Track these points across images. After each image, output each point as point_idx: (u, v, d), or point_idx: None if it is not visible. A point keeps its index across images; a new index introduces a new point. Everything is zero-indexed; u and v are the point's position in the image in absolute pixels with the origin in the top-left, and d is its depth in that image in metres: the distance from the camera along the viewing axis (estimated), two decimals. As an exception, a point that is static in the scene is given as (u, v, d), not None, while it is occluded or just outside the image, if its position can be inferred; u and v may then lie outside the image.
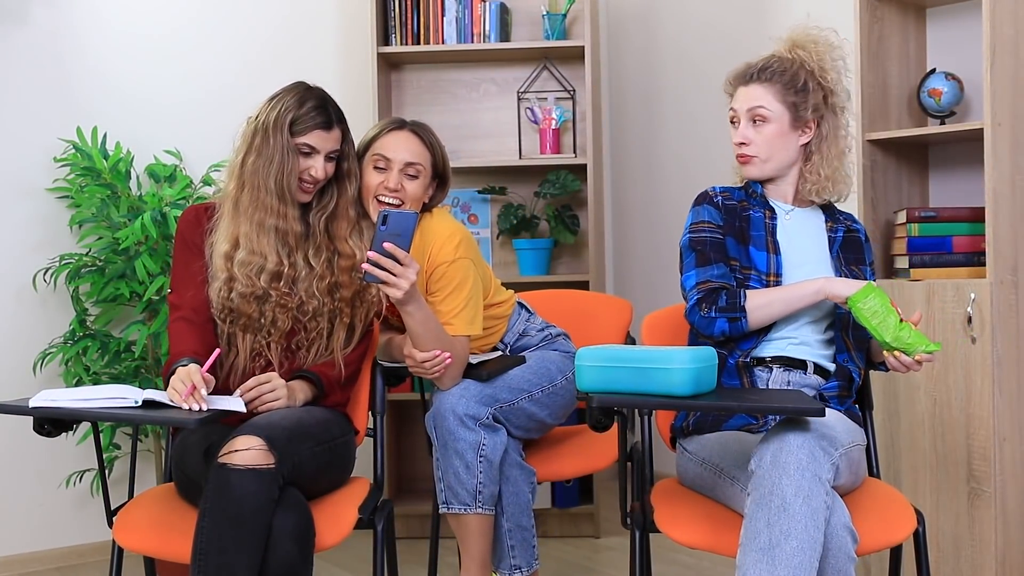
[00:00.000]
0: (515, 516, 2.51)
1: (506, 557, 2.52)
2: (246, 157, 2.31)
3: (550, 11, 3.82)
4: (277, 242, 2.31)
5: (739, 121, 2.32)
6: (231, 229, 2.31)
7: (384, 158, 2.49)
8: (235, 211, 2.31)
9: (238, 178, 2.32)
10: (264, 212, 2.29)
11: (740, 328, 2.20)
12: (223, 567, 1.95)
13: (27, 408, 1.97)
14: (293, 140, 2.29)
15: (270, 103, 2.33)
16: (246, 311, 2.29)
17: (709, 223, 2.30)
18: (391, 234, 2.19)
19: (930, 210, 2.96)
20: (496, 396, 2.47)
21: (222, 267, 2.29)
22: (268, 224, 2.29)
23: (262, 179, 2.28)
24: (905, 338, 2.09)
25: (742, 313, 2.19)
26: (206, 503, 1.99)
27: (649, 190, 4.42)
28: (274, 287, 2.30)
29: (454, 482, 2.42)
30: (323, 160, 2.33)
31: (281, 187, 2.28)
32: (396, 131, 2.53)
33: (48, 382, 3.38)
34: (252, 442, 2.01)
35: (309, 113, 2.30)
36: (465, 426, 2.40)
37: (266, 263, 2.29)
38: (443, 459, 2.43)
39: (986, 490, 2.74)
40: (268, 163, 2.28)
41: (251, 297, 2.28)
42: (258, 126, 2.31)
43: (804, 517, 1.83)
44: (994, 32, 2.74)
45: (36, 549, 3.44)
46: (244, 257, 2.28)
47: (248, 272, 2.28)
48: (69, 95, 3.50)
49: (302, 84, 2.37)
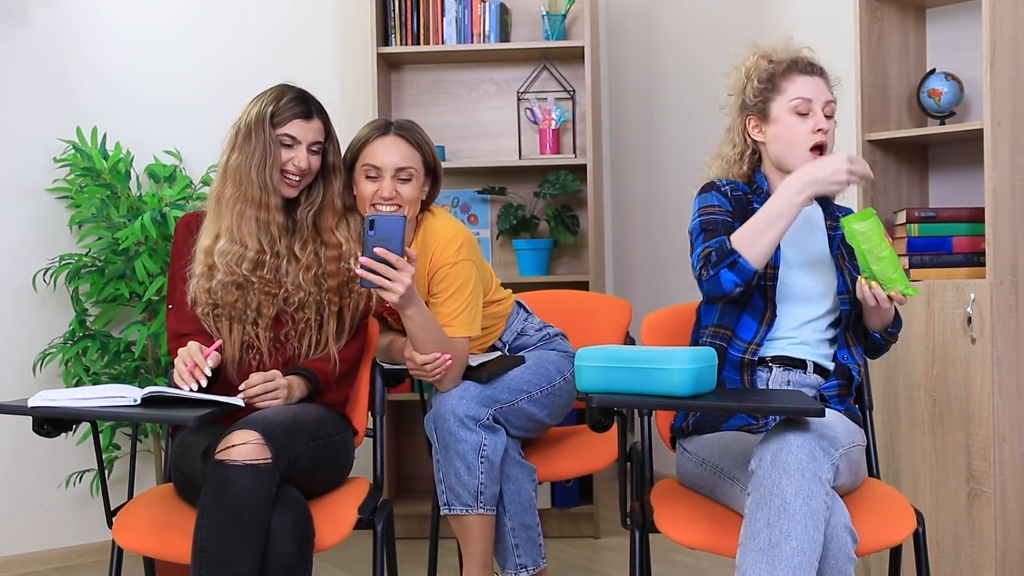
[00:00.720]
0: (519, 515, 2.51)
1: (511, 556, 2.52)
2: (230, 155, 2.36)
3: (550, 11, 3.82)
4: (259, 231, 2.33)
5: (811, 111, 2.25)
6: (213, 225, 2.35)
7: (374, 167, 2.48)
8: (217, 206, 2.35)
9: (222, 176, 2.36)
10: (245, 203, 2.32)
11: (745, 268, 2.11)
12: (224, 564, 1.95)
13: (26, 408, 1.97)
14: (275, 132, 2.33)
15: (251, 103, 2.38)
16: (229, 300, 2.30)
17: (719, 207, 2.26)
18: (380, 238, 2.20)
19: (930, 210, 2.96)
20: (496, 397, 2.47)
21: (202, 260, 2.32)
22: (249, 214, 2.32)
23: (244, 173, 2.32)
24: (888, 272, 2.08)
25: (734, 254, 2.11)
26: (205, 500, 1.99)
27: (649, 190, 4.42)
28: (257, 275, 2.32)
29: (455, 483, 2.41)
30: (305, 151, 2.35)
31: (264, 178, 2.31)
32: (382, 137, 2.51)
33: (48, 382, 3.38)
34: (249, 436, 2.02)
35: (287, 104, 2.34)
36: (466, 427, 2.40)
37: (246, 251, 2.31)
38: (444, 461, 2.43)
39: (986, 490, 2.74)
40: (250, 156, 2.32)
41: (232, 285, 2.30)
42: (240, 125, 2.36)
43: (804, 517, 1.83)
44: (994, 32, 2.74)
45: (36, 549, 3.44)
46: (224, 247, 2.31)
47: (228, 261, 2.30)
48: (69, 95, 3.50)
49: (282, 83, 2.42)
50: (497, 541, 2.51)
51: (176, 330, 2.35)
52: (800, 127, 2.24)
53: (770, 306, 2.24)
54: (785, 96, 2.26)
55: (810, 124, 2.24)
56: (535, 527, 2.54)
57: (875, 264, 2.08)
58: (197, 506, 2.03)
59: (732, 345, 2.24)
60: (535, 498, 2.55)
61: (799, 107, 2.24)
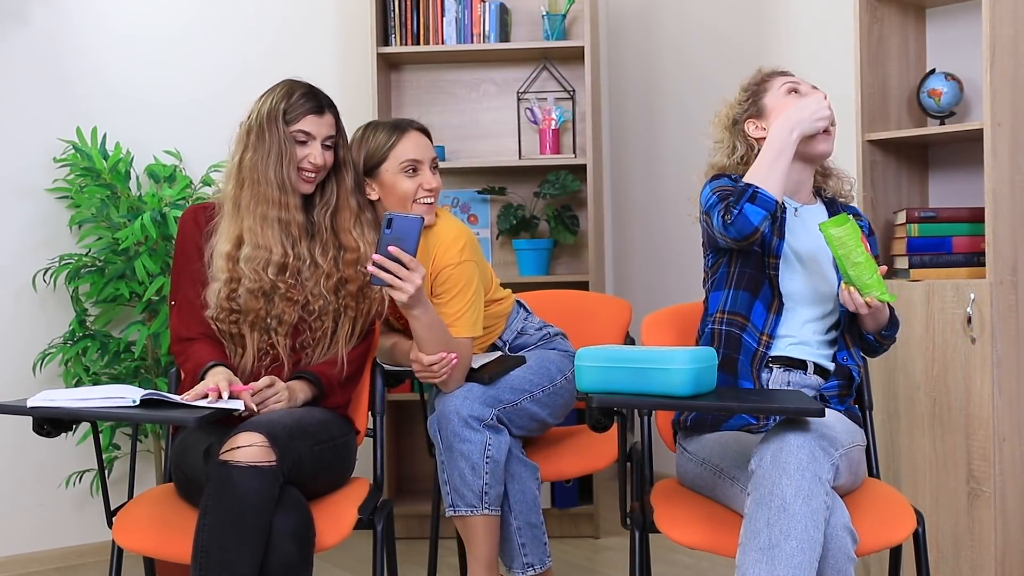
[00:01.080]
0: (524, 514, 2.51)
1: (518, 556, 2.51)
2: (243, 155, 2.32)
3: (550, 11, 3.82)
4: (281, 233, 2.30)
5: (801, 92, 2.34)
6: (232, 228, 2.31)
7: (414, 161, 2.51)
8: (235, 210, 2.32)
9: (236, 177, 2.32)
10: (267, 205, 2.29)
11: (766, 197, 2.14)
12: (224, 564, 1.95)
13: (26, 408, 1.97)
14: (288, 129, 2.31)
15: (260, 100, 2.36)
16: (253, 307, 2.28)
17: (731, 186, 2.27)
18: (396, 238, 2.20)
19: (930, 210, 2.96)
20: (499, 397, 2.47)
21: (223, 267, 2.29)
22: (271, 216, 2.29)
23: (261, 173, 2.29)
24: (863, 277, 2.11)
25: (751, 186, 2.15)
26: (207, 500, 1.99)
27: (649, 190, 4.42)
28: (280, 279, 2.29)
29: (460, 484, 2.41)
30: (320, 146, 2.34)
31: (282, 178, 2.29)
32: (407, 134, 2.54)
33: (48, 382, 3.39)
34: (254, 439, 2.01)
35: (299, 100, 2.33)
36: (470, 428, 2.40)
37: (271, 256, 2.29)
38: (448, 462, 2.42)
39: (986, 491, 2.74)
40: (266, 156, 2.29)
41: (259, 292, 2.28)
42: (252, 123, 2.32)
43: (804, 517, 1.83)
44: (994, 32, 2.74)
45: (36, 549, 3.44)
46: (249, 252, 2.28)
47: (255, 267, 2.27)
48: (69, 95, 3.50)
49: (289, 79, 2.40)
50: (503, 541, 2.51)
51: (181, 333, 2.33)
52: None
53: (777, 295, 2.25)
54: (774, 85, 2.36)
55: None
56: (540, 525, 2.54)
57: (851, 269, 2.11)
58: (198, 506, 2.03)
59: (746, 331, 2.24)
60: (539, 496, 2.55)
61: (790, 89, 2.35)
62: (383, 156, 2.52)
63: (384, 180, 2.52)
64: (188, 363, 2.27)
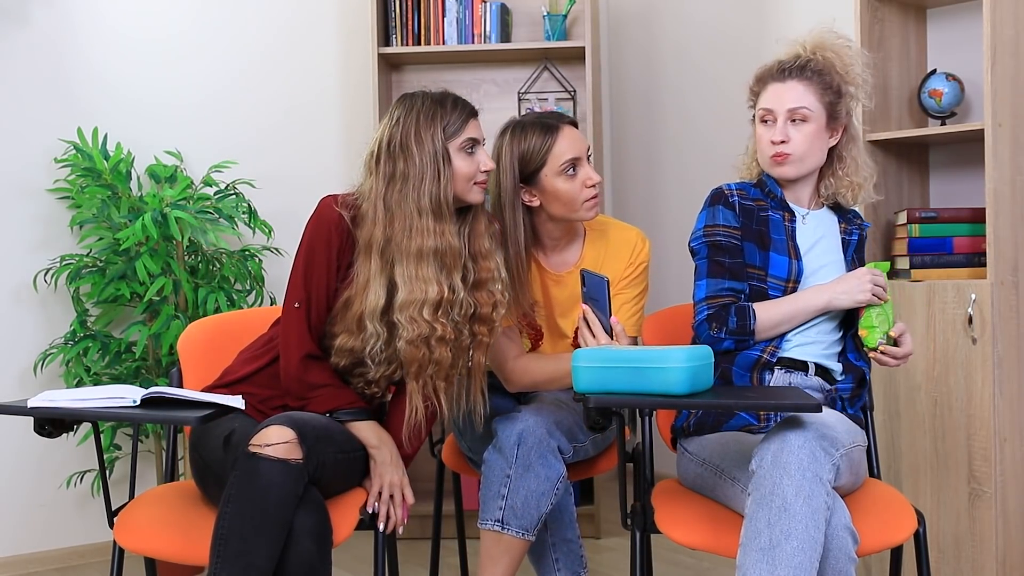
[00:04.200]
0: (560, 531, 2.47)
1: (551, 570, 2.47)
2: (388, 191, 2.14)
3: (550, 12, 3.82)
4: (436, 266, 2.14)
5: (774, 120, 2.25)
6: (375, 278, 2.16)
7: (573, 160, 2.34)
8: (380, 259, 2.16)
9: (384, 218, 2.14)
10: (421, 237, 2.13)
11: (747, 345, 2.22)
12: (242, 553, 1.93)
13: (27, 409, 1.97)
14: (447, 144, 2.15)
15: (392, 122, 2.17)
16: (415, 357, 2.16)
17: (724, 227, 2.26)
18: (590, 298, 2.13)
19: (931, 211, 2.96)
20: (574, 433, 2.37)
21: (374, 328, 2.16)
22: (427, 248, 2.13)
23: (414, 203, 2.13)
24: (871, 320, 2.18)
25: (750, 336, 2.21)
26: (231, 490, 1.97)
27: (649, 190, 4.42)
28: (438, 321, 2.15)
29: (521, 505, 2.24)
30: (484, 150, 2.21)
31: (438, 201, 2.13)
32: (563, 128, 2.37)
33: (49, 383, 3.39)
34: (286, 434, 1.99)
35: (455, 110, 2.17)
36: (555, 456, 2.28)
37: (427, 296, 2.13)
38: (517, 478, 2.24)
39: (987, 491, 2.74)
40: (419, 183, 2.13)
41: (419, 341, 2.15)
42: (392, 150, 2.15)
43: (805, 517, 1.83)
44: (994, 33, 2.74)
45: (37, 550, 3.44)
46: (405, 298, 2.13)
47: (412, 314, 2.14)
48: (69, 96, 3.50)
49: (413, 93, 2.22)
50: (538, 556, 2.47)
51: (306, 347, 2.20)
52: (763, 136, 2.28)
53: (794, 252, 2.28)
54: (758, 105, 2.31)
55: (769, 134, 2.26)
56: (575, 540, 2.49)
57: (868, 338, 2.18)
58: (209, 493, 2.01)
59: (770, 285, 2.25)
60: (575, 512, 2.51)
61: (764, 116, 2.28)
62: (542, 160, 2.33)
63: (545, 185, 2.34)
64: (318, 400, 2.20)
